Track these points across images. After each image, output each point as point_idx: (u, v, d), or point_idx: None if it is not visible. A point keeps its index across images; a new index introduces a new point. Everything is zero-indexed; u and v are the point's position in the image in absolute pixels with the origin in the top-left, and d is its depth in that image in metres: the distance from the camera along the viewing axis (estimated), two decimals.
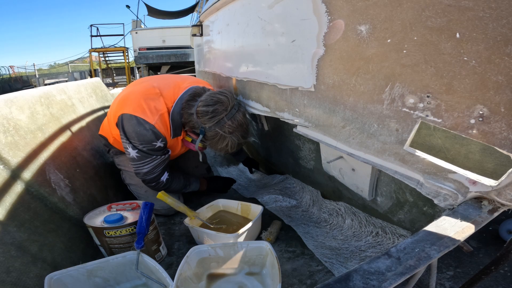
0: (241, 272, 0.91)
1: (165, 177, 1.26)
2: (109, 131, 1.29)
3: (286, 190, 1.53)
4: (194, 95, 1.17)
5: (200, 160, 1.34)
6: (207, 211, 1.25)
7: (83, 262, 0.85)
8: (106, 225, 0.96)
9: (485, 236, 1.05)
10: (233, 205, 1.28)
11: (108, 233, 0.97)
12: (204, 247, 0.90)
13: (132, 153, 1.16)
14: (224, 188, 1.50)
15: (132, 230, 0.98)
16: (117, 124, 1.17)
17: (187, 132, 1.24)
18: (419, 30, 0.51)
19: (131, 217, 1.01)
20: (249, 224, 1.04)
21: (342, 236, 1.12)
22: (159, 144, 1.16)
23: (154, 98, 1.15)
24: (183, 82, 1.23)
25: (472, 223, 0.50)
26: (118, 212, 1.04)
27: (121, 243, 0.99)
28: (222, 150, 1.19)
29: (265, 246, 0.88)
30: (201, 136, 1.16)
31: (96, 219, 1.01)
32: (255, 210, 1.20)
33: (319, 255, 1.02)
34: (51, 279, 0.78)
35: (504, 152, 0.45)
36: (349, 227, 1.15)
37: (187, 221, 1.13)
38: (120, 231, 0.97)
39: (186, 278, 0.82)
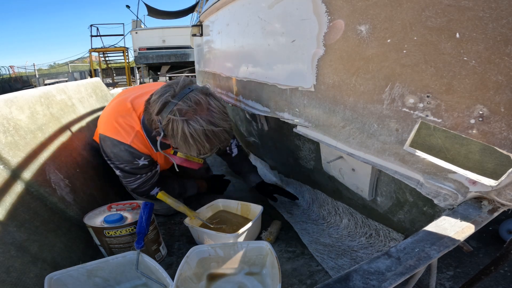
0: (241, 272, 0.91)
1: (155, 191, 1.23)
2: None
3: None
4: (152, 94, 0.95)
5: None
6: (207, 211, 1.25)
7: (83, 262, 0.84)
8: (106, 225, 0.96)
9: (485, 236, 1.05)
10: (233, 205, 1.28)
11: (108, 233, 0.97)
12: (204, 247, 0.90)
13: (116, 171, 1.15)
14: (220, 189, 1.50)
15: (132, 230, 0.98)
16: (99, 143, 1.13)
17: (160, 140, 0.94)
18: (419, 30, 0.51)
19: (131, 217, 1.01)
20: (249, 224, 1.04)
21: (337, 235, 1.14)
22: (142, 162, 1.10)
23: (125, 115, 1.06)
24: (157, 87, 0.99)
25: (472, 223, 0.50)
26: (118, 212, 1.04)
27: (121, 243, 0.99)
28: (191, 150, 0.90)
29: (265, 246, 0.88)
30: (162, 134, 0.90)
31: (96, 219, 1.01)
32: (255, 210, 1.20)
33: (312, 249, 1.05)
34: (51, 279, 0.78)
35: (504, 152, 0.45)
36: (345, 227, 1.16)
37: (187, 221, 1.13)
38: (120, 231, 0.97)
39: (186, 278, 0.82)
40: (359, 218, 1.11)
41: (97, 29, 9.76)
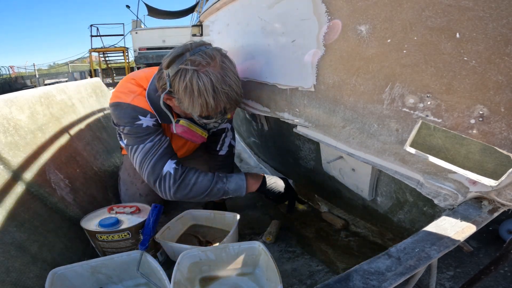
0: (234, 274, 0.90)
1: (169, 167, 0.95)
2: None
3: None
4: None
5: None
6: (177, 224, 1.13)
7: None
8: (99, 229, 0.95)
9: (485, 236, 1.05)
10: (205, 215, 1.18)
11: (101, 237, 0.95)
12: (194, 251, 0.87)
13: (123, 142, 1.03)
14: (281, 196, 1.08)
15: (125, 236, 0.95)
16: None
17: (163, 97, 0.91)
18: (419, 30, 0.51)
19: (127, 221, 0.98)
20: (230, 235, 0.97)
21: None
22: (145, 121, 0.96)
23: (125, 85, 1.04)
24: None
25: (472, 223, 0.50)
26: (117, 214, 1.02)
27: (114, 248, 0.97)
28: (194, 105, 0.84)
29: (257, 246, 0.87)
30: (167, 89, 0.86)
31: (92, 221, 0.99)
32: (231, 219, 1.11)
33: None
34: (55, 274, 0.79)
35: (504, 152, 0.45)
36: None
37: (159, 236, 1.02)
38: (113, 236, 0.95)
39: (180, 286, 0.80)
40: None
41: (97, 29, 9.77)
